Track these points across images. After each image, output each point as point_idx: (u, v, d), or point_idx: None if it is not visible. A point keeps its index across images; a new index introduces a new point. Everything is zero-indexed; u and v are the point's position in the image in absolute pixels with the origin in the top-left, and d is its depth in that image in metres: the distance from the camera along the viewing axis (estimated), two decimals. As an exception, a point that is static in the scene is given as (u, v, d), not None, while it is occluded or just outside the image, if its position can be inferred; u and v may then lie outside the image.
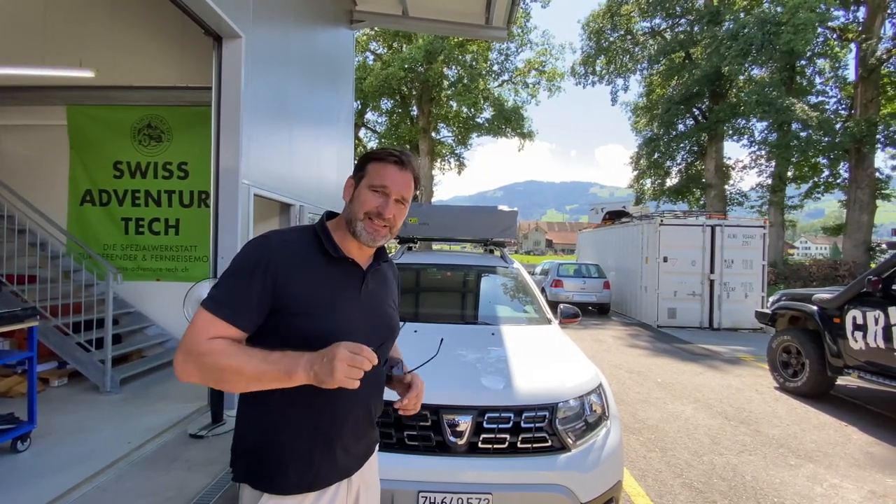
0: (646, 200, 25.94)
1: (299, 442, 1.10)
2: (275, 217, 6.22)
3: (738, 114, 20.01)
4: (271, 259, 1.06)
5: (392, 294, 1.33)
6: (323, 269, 1.13)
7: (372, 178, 1.14)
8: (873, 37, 16.92)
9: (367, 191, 1.14)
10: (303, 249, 1.13)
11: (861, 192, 17.71)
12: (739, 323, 10.55)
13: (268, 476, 1.08)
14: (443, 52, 20.63)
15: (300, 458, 1.09)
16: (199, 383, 1.02)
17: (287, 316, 1.06)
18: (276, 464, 1.09)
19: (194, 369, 1.00)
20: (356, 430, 1.18)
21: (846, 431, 4.38)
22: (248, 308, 1.04)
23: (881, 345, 4.49)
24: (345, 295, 1.14)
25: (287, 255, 1.09)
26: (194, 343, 0.99)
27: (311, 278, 1.10)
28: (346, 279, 1.16)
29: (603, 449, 2.18)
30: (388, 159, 1.16)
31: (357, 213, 1.14)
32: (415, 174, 1.19)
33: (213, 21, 3.96)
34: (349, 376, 0.92)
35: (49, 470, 3.06)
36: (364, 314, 1.17)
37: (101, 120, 5.86)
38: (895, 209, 33.88)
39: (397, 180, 1.15)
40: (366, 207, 1.13)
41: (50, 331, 4.58)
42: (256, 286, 1.04)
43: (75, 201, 5.89)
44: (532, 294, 3.79)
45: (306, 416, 1.10)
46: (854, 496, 3.17)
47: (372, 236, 1.14)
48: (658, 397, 5.31)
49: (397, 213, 1.16)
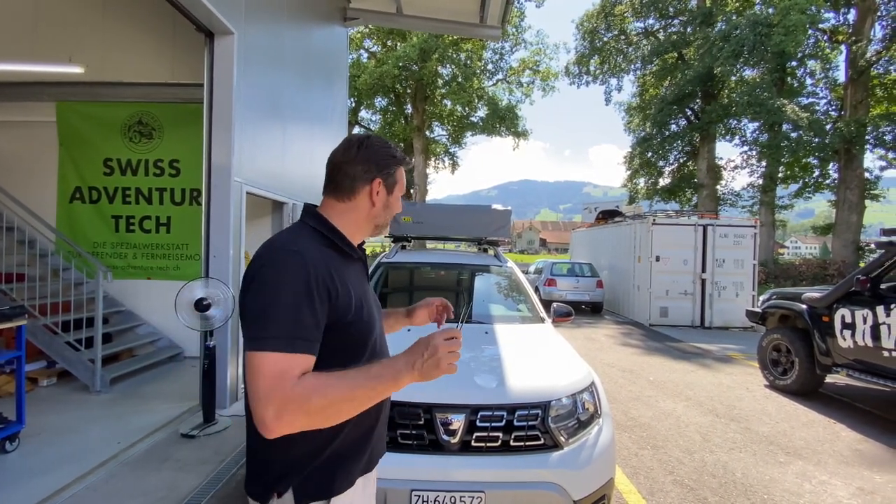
0: (639, 200, 26.10)
1: (360, 432, 1.11)
2: (267, 216, 6.19)
3: (730, 114, 20.19)
4: (318, 275, 0.99)
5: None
6: (347, 270, 1.12)
7: (401, 185, 1.20)
8: (863, 39, 17.13)
9: (399, 198, 1.21)
10: (328, 256, 1.08)
11: (850, 193, 17.94)
12: (730, 322, 10.65)
13: (330, 482, 1.06)
14: (437, 51, 20.62)
15: (359, 448, 1.11)
16: (305, 429, 0.92)
17: (344, 326, 1.04)
18: (339, 463, 1.07)
19: (299, 418, 0.89)
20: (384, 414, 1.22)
21: (835, 429, 4.44)
22: (318, 331, 0.98)
23: (869, 343, 4.55)
24: (365, 288, 1.19)
25: (323, 266, 1.03)
26: (284, 391, 0.88)
27: (347, 282, 1.08)
28: (361, 273, 1.21)
29: (595, 447, 2.19)
30: (404, 163, 1.20)
31: (388, 217, 1.20)
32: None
33: (204, 17, 3.92)
34: (451, 362, 0.97)
35: (38, 470, 3.02)
36: (375, 302, 1.24)
37: (91, 116, 5.78)
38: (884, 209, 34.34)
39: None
40: (399, 210, 1.22)
41: (39, 330, 4.53)
42: (319, 306, 0.98)
43: (64, 199, 5.82)
44: (525, 293, 3.80)
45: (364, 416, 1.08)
46: (842, 493, 3.21)
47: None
48: (650, 395, 5.35)
49: None
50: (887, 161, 18.24)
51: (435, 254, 4.97)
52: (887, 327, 4.39)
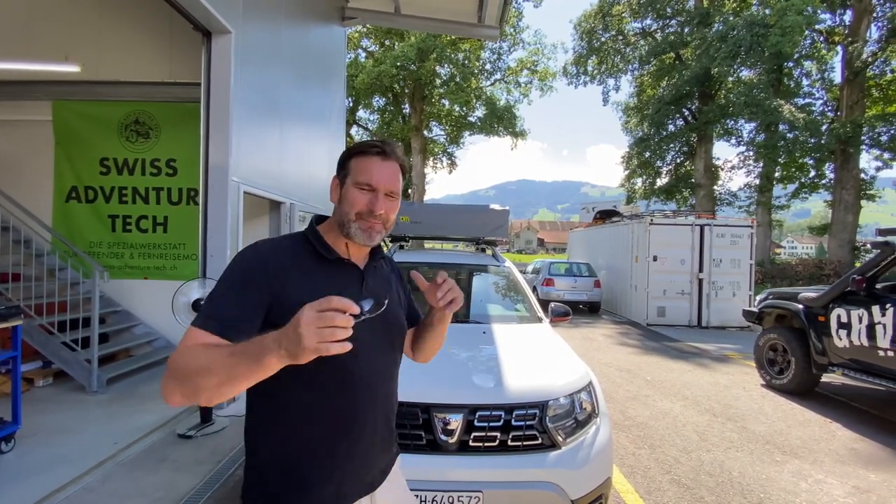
0: (636, 200, 26.16)
1: (318, 454, 1.04)
2: (265, 215, 6.17)
3: (727, 114, 20.27)
4: (265, 267, 1.00)
5: (394, 293, 1.25)
6: (321, 273, 1.08)
7: (356, 174, 1.08)
8: (859, 40, 17.20)
9: (354, 189, 1.08)
10: (296, 255, 1.07)
11: (846, 193, 18.02)
12: (727, 321, 10.69)
13: (291, 500, 1.02)
14: (435, 51, 20.58)
15: (320, 473, 1.03)
16: (182, 401, 0.88)
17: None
18: (296, 484, 1.02)
19: (170, 382, 0.88)
20: (374, 438, 1.11)
21: (831, 428, 4.46)
22: (240, 319, 0.96)
23: (865, 342, 4.58)
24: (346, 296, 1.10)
25: (280, 261, 1.03)
26: (173, 357, 0.90)
27: (309, 283, 1.03)
28: (345, 280, 1.11)
29: (592, 446, 2.19)
30: (369, 152, 1.09)
31: (348, 215, 1.08)
32: (400, 163, 1.13)
33: (202, 16, 3.91)
34: (322, 340, 0.75)
35: (34, 471, 3.01)
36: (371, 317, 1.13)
37: (88, 115, 5.75)
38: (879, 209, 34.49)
39: (383, 173, 1.08)
40: (356, 207, 1.07)
41: (34, 330, 4.50)
42: (250, 296, 0.98)
43: (61, 198, 5.79)
44: (523, 293, 3.80)
45: (323, 421, 1.04)
46: (838, 491, 3.22)
47: (368, 235, 1.08)
48: (647, 395, 5.36)
49: (389, 207, 1.10)
50: (883, 161, 18.33)
51: (433, 253, 4.96)
52: (883, 327, 4.41)
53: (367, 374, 1.08)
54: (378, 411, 1.12)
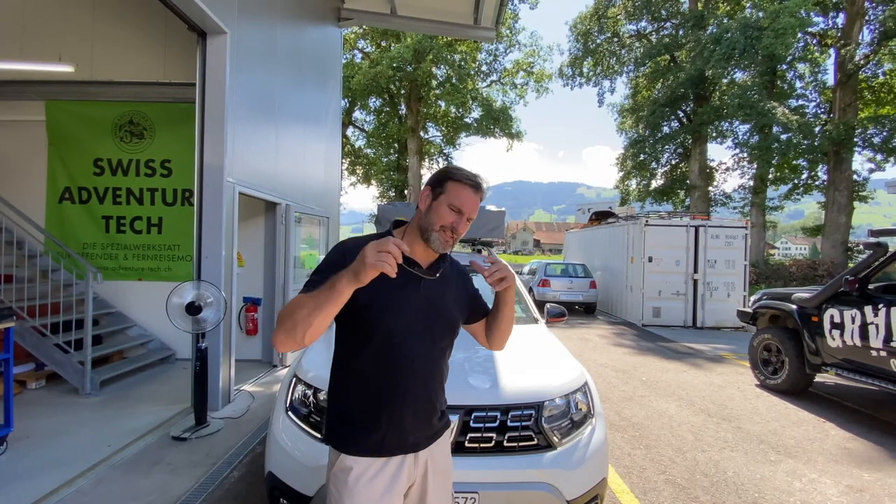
0: (631, 201, 26.25)
1: (368, 409, 1.29)
2: (260, 216, 6.15)
3: (722, 116, 20.38)
4: (345, 258, 1.21)
5: (452, 292, 1.45)
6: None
7: (451, 197, 1.28)
8: (852, 42, 17.37)
9: (446, 207, 1.28)
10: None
11: (839, 194, 18.18)
12: (722, 322, 10.74)
13: (343, 438, 1.30)
14: (431, 52, 20.59)
15: (369, 423, 1.28)
16: (284, 339, 1.14)
17: (357, 308, 1.24)
18: (350, 427, 1.30)
19: (277, 327, 1.16)
20: (416, 406, 1.32)
21: (824, 427, 4.49)
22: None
23: (858, 342, 4.61)
24: (404, 293, 1.30)
25: (357, 253, 1.22)
26: (281, 310, 1.19)
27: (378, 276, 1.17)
28: (407, 278, 1.29)
29: (588, 447, 2.19)
30: (466, 182, 1.29)
31: (434, 225, 1.28)
32: (483, 197, 1.34)
33: (197, 16, 3.90)
34: (378, 259, 1.03)
35: (26, 474, 2.98)
36: (422, 310, 1.32)
37: (81, 116, 5.72)
38: (872, 211, 34.77)
39: (473, 204, 1.30)
40: (442, 222, 1.28)
41: (27, 331, 4.46)
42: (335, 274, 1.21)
43: (54, 199, 5.75)
44: (519, 293, 3.80)
45: (374, 386, 1.29)
46: (832, 491, 3.24)
47: (443, 244, 1.30)
48: (643, 395, 5.38)
49: (465, 228, 1.32)
50: (875, 163, 18.49)
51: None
52: (875, 327, 4.44)
53: (411, 356, 1.31)
54: (419, 389, 1.33)
